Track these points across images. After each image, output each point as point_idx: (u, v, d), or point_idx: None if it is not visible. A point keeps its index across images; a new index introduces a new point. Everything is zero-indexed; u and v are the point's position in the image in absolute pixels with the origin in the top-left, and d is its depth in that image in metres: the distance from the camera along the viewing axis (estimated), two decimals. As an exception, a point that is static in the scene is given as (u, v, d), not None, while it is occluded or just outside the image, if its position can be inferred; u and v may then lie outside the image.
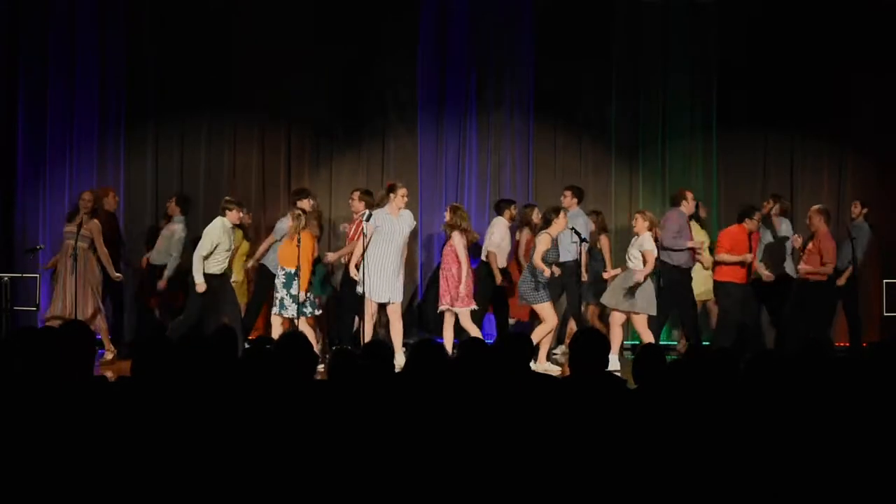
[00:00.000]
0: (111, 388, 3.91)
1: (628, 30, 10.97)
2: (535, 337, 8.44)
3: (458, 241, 8.77)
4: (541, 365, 8.58)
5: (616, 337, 8.76)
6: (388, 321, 9.03)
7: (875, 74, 10.74)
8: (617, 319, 8.82)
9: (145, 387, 3.92)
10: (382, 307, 8.88)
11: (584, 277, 9.39)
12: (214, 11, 10.85)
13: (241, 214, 8.95)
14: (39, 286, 9.42)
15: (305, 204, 9.22)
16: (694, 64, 10.99)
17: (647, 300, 8.66)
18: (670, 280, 9.06)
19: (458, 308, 8.71)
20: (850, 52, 10.75)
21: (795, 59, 10.79)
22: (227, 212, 8.79)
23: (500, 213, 9.68)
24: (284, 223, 9.00)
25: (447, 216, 8.93)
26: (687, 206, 9.40)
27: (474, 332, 8.60)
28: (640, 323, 8.67)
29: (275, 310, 8.73)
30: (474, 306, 8.82)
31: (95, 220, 8.96)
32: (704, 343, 9.39)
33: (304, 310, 8.63)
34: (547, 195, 10.47)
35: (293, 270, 8.61)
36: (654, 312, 8.73)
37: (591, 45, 10.95)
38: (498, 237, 9.53)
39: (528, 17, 10.95)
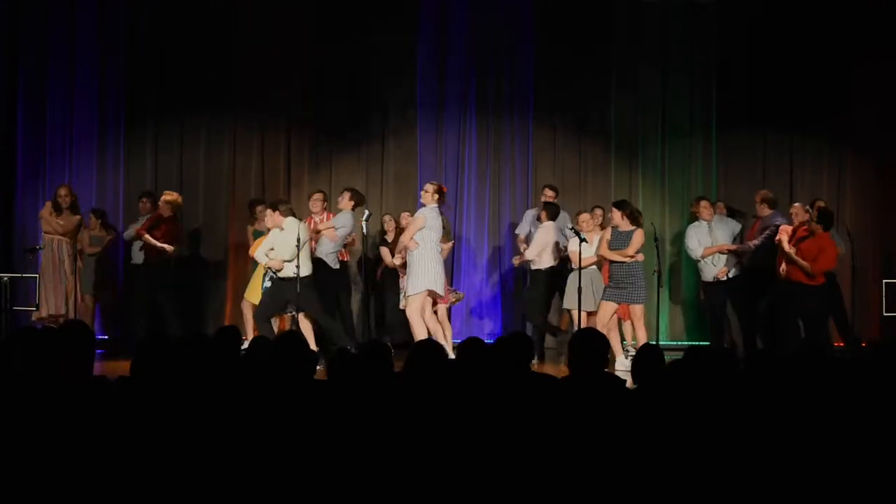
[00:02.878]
0: (111, 388, 3.91)
1: (628, 30, 10.97)
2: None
3: None
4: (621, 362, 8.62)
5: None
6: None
7: (875, 74, 10.75)
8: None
9: (145, 387, 3.92)
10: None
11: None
12: (214, 11, 10.85)
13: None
14: (39, 286, 9.43)
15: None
16: (694, 64, 10.99)
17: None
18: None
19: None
20: (849, 51, 10.77)
21: (795, 58, 10.79)
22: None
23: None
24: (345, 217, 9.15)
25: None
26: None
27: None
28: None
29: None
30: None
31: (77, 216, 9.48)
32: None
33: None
34: (546, 195, 10.48)
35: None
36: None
37: (591, 45, 10.97)
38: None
39: (527, 17, 10.96)
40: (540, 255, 9.11)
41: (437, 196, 8.60)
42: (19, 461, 3.39)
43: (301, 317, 8.70)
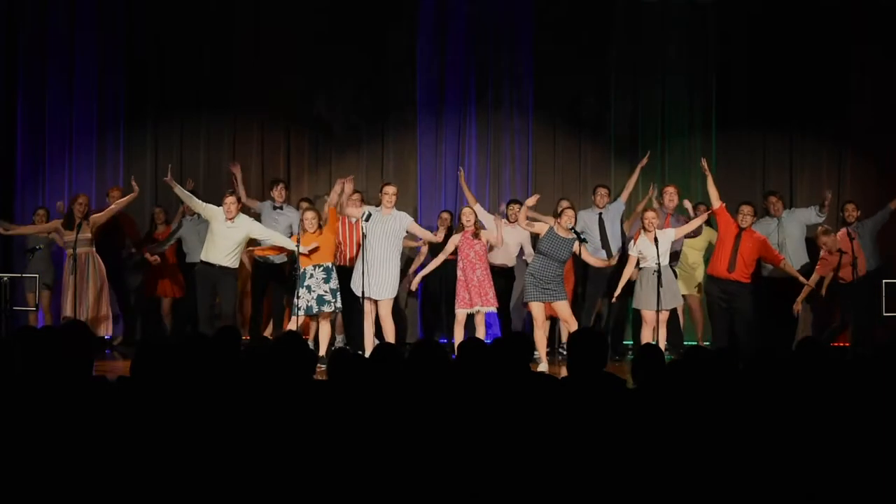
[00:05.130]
0: (111, 388, 3.91)
1: (628, 30, 10.98)
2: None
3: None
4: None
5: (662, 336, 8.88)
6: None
7: (874, 74, 10.77)
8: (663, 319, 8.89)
9: (145, 387, 3.92)
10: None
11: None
12: (214, 11, 10.86)
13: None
14: (38, 287, 9.41)
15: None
16: (693, 64, 10.99)
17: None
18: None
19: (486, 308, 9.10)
20: (848, 51, 10.78)
21: (794, 59, 10.80)
22: None
23: None
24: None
25: (473, 218, 9.06)
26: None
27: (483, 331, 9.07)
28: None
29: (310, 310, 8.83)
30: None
31: (93, 217, 9.30)
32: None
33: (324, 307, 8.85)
34: (547, 195, 10.45)
35: (330, 264, 8.90)
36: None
37: (590, 44, 10.97)
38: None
39: (527, 16, 10.96)
40: None
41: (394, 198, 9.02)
42: (19, 461, 3.39)
43: (321, 321, 8.84)
